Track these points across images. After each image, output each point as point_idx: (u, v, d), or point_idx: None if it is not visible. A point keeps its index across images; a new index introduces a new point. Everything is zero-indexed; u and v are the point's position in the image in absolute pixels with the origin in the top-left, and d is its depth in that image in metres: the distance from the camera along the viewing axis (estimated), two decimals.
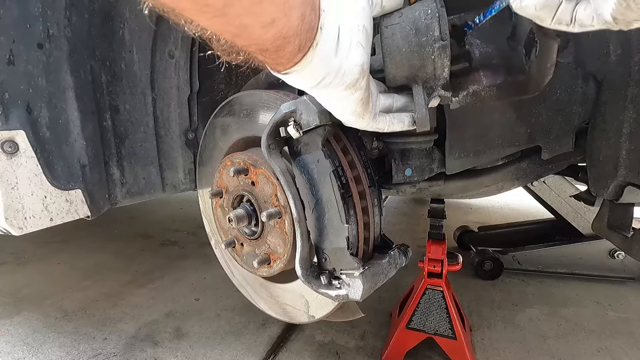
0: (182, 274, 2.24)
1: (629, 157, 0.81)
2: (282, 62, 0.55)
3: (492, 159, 0.98)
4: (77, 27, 0.97)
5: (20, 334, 1.64)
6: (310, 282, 0.85)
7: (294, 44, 0.52)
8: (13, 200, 0.90)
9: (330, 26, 0.56)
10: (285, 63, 0.55)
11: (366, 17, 0.61)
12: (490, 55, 0.75)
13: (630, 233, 0.94)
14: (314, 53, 0.55)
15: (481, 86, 0.74)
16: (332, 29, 0.56)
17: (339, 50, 0.58)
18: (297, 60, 0.55)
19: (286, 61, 0.55)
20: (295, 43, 0.52)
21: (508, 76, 0.74)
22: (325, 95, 0.65)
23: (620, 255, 2.06)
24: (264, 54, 0.53)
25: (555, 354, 1.51)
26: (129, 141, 1.19)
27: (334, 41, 0.57)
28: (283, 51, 0.52)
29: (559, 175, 1.96)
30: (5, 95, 0.87)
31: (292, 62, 0.55)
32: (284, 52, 0.53)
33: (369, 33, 0.62)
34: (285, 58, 0.54)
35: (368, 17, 0.62)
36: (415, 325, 1.40)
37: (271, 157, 0.84)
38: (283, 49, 0.52)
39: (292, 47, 0.52)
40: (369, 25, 0.62)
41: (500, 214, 3.41)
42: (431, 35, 0.65)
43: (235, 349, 1.54)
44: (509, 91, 0.75)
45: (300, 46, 0.53)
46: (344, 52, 0.58)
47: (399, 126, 0.73)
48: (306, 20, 0.51)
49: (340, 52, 0.58)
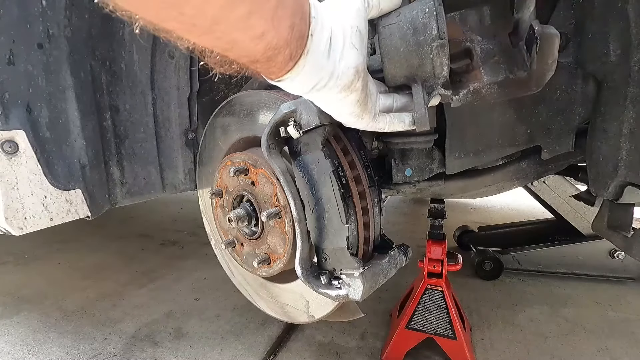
0: (182, 274, 2.24)
1: (629, 157, 0.81)
2: (274, 71, 0.56)
3: (492, 159, 0.98)
4: (77, 27, 0.97)
5: (20, 334, 1.64)
6: (310, 282, 0.85)
7: (285, 53, 0.52)
8: (13, 200, 0.90)
9: (322, 31, 0.56)
10: (278, 72, 0.56)
11: (360, 19, 0.61)
12: (491, 52, 0.74)
13: (630, 233, 0.94)
14: (305, 60, 0.55)
15: (482, 84, 0.73)
16: (324, 34, 0.57)
17: (332, 54, 0.58)
18: (289, 68, 0.55)
19: (278, 70, 0.55)
20: (285, 53, 0.52)
21: (509, 73, 0.73)
22: (321, 99, 0.66)
23: (620, 255, 2.06)
24: (256, 65, 0.54)
25: (555, 354, 1.50)
26: (129, 141, 1.19)
27: (325, 46, 0.57)
28: (274, 61, 0.53)
29: (559, 175, 1.96)
30: (5, 95, 0.87)
31: (284, 71, 0.56)
32: (275, 61, 0.53)
33: (364, 34, 0.62)
34: (277, 67, 0.55)
35: (362, 18, 0.62)
36: (415, 325, 1.40)
37: (271, 157, 0.84)
38: (274, 59, 0.52)
39: (283, 57, 0.53)
40: (364, 26, 0.62)
41: (500, 214, 3.41)
42: (429, 34, 0.65)
43: (235, 349, 1.54)
44: (510, 88, 0.74)
45: (291, 55, 0.53)
46: (337, 55, 0.58)
47: (399, 126, 0.73)
48: (296, 30, 0.52)
49: (333, 56, 0.58)
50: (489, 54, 0.74)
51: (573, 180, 2.11)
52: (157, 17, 0.42)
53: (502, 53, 0.74)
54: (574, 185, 2.13)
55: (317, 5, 0.57)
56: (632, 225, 0.97)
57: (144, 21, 0.43)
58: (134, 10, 0.41)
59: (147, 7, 0.41)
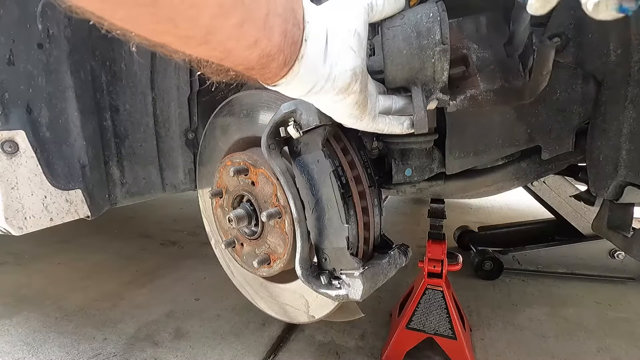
0: (182, 274, 2.24)
1: (629, 157, 0.81)
2: (270, 77, 0.56)
3: (492, 159, 0.98)
4: (77, 27, 0.97)
5: (20, 334, 1.64)
6: (310, 282, 0.85)
7: (279, 60, 0.53)
8: (13, 200, 0.90)
9: (317, 36, 0.56)
10: (273, 77, 0.57)
11: (359, 21, 0.61)
12: (487, 60, 0.76)
13: (630, 233, 0.94)
14: (300, 65, 0.56)
15: (478, 90, 0.75)
16: (319, 38, 0.57)
17: (328, 57, 0.58)
18: (284, 73, 0.56)
19: (273, 75, 0.56)
20: (280, 59, 0.53)
21: (505, 82, 0.75)
22: (318, 101, 0.66)
23: (620, 255, 2.06)
24: (252, 72, 0.54)
25: (555, 354, 1.50)
26: (129, 141, 1.19)
27: (321, 50, 0.57)
28: (269, 67, 0.54)
29: (559, 175, 1.96)
30: (5, 95, 0.87)
31: (279, 76, 0.56)
32: (270, 68, 0.54)
33: (363, 37, 0.62)
34: (272, 73, 0.55)
35: (362, 20, 0.62)
36: (415, 325, 1.40)
37: (271, 157, 0.84)
38: (269, 65, 0.53)
39: (278, 63, 0.53)
40: (363, 29, 0.62)
41: (500, 214, 3.41)
42: (432, 38, 0.66)
43: (235, 349, 1.54)
44: (505, 96, 0.76)
45: (285, 60, 0.54)
46: (334, 58, 0.59)
47: (397, 128, 0.74)
48: (289, 36, 0.52)
49: (330, 59, 0.58)
50: (485, 62, 0.76)
51: (573, 180, 2.11)
52: (153, 32, 0.43)
53: (497, 62, 0.76)
54: (574, 185, 2.13)
55: (312, 9, 0.57)
56: (632, 225, 0.97)
57: (139, 38, 0.44)
58: (130, 27, 0.42)
59: (143, 24, 0.41)
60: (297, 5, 0.54)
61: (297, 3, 0.54)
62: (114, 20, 0.40)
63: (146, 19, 0.40)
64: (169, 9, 0.40)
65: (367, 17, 0.64)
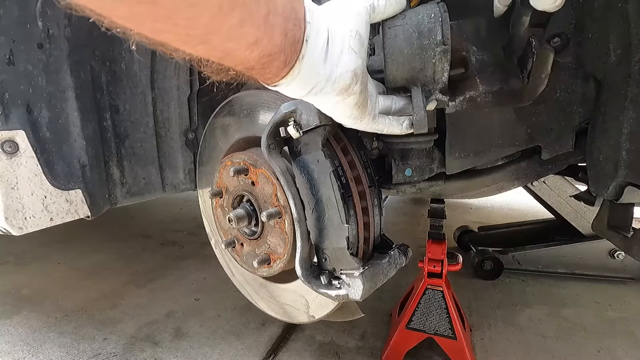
0: (182, 274, 2.24)
1: (629, 157, 0.81)
2: (270, 76, 0.56)
3: (492, 159, 0.98)
4: (77, 27, 0.97)
5: (20, 334, 1.64)
6: (310, 282, 0.85)
7: (279, 59, 0.53)
8: (13, 200, 0.90)
9: (317, 36, 0.56)
10: (273, 77, 0.56)
11: (361, 22, 0.61)
12: (486, 62, 0.77)
13: (630, 233, 0.94)
14: (300, 65, 0.55)
15: (477, 92, 0.75)
16: (320, 39, 0.57)
17: (328, 58, 0.58)
18: (284, 74, 0.56)
19: (274, 75, 0.56)
20: (280, 59, 0.53)
21: (504, 84, 0.76)
22: (319, 102, 0.66)
23: (620, 255, 2.06)
24: (252, 72, 0.54)
25: (555, 354, 1.50)
26: (129, 141, 1.19)
27: (322, 50, 0.57)
28: (270, 67, 0.53)
29: (559, 175, 1.96)
30: (5, 95, 0.87)
31: (280, 76, 0.56)
32: (271, 68, 0.54)
33: (364, 38, 0.62)
34: (272, 73, 0.55)
35: (363, 21, 0.62)
36: (415, 325, 1.40)
37: (271, 157, 0.84)
38: (269, 65, 0.53)
39: (278, 63, 0.53)
40: (364, 30, 0.62)
41: (500, 214, 3.41)
42: (433, 39, 0.66)
43: (235, 348, 1.54)
44: (504, 98, 0.77)
45: (286, 60, 0.54)
46: (334, 59, 0.58)
47: (397, 129, 0.74)
48: (289, 36, 0.52)
49: (330, 60, 0.58)
50: (484, 64, 0.77)
51: (573, 180, 2.11)
52: (153, 31, 0.43)
53: (496, 64, 0.76)
54: (574, 185, 2.13)
55: (314, 9, 0.57)
56: (632, 225, 0.97)
57: (139, 36, 0.44)
58: (130, 25, 0.41)
59: (142, 21, 0.41)
60: (298, 5, 0.54)
61: (298, 2, 0.54)
62: (114, 17, 0.40)
63: (146, 16, 0.40)
64: (168, 7, 0.39)
65: (369, 17, 0.63)
